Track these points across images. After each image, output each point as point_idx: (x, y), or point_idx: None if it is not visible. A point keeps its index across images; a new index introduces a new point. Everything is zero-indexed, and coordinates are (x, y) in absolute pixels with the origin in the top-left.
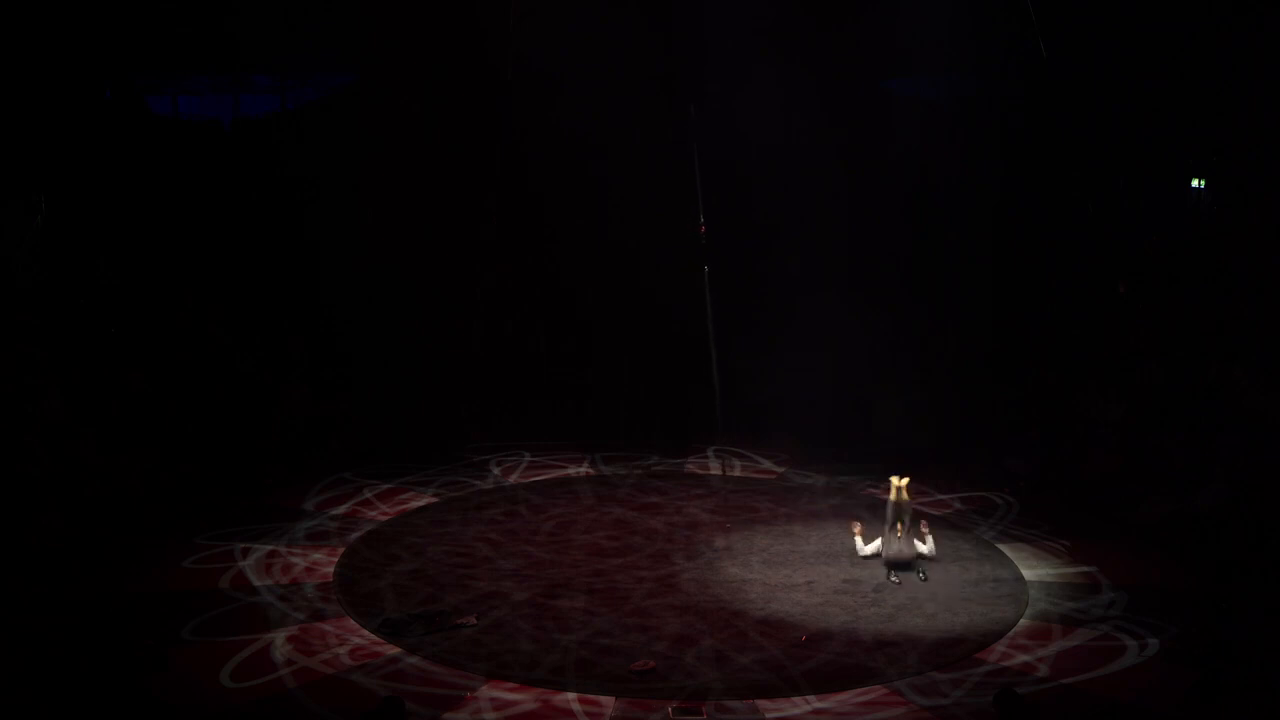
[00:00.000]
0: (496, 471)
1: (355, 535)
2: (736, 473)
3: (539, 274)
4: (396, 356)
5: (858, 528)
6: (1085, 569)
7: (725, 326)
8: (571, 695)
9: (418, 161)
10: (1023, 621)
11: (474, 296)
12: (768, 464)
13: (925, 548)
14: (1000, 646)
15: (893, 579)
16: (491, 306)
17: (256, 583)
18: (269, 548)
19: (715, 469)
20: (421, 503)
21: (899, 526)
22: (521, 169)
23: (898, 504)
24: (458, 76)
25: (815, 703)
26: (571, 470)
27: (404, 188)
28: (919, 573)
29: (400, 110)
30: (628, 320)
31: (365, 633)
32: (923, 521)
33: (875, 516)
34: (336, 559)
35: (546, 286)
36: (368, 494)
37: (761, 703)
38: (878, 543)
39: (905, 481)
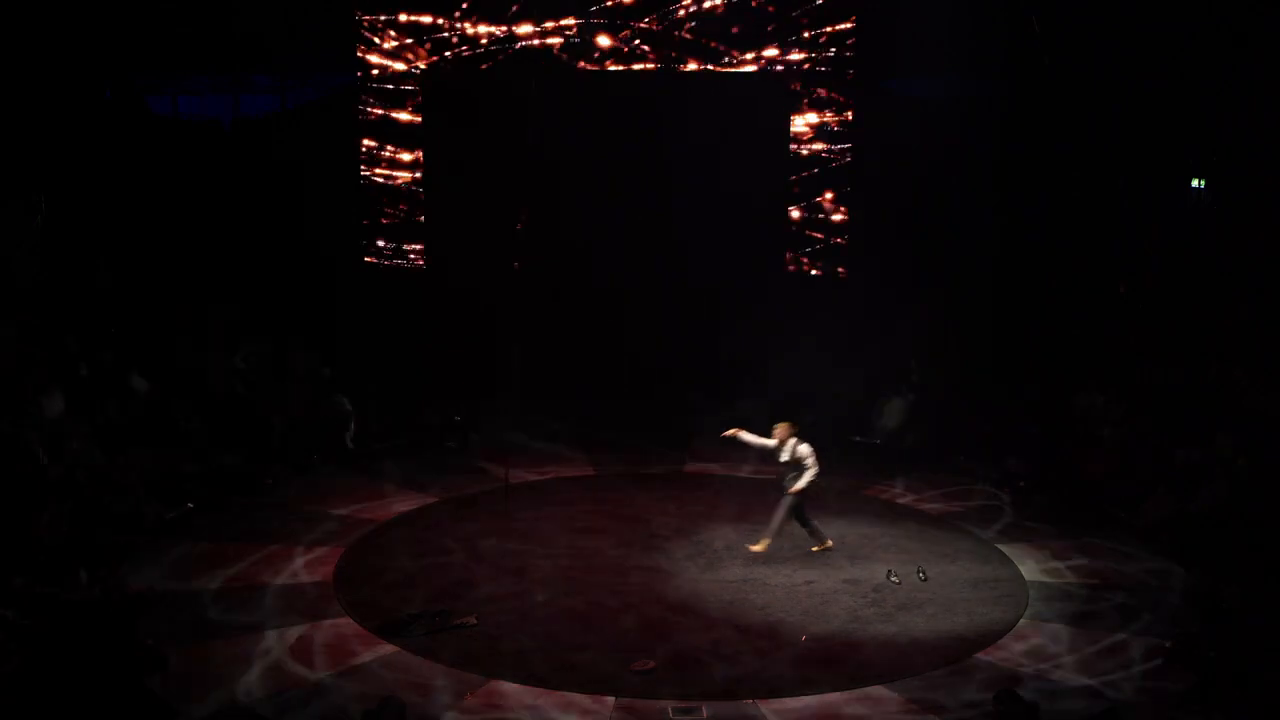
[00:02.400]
0: (498, 471)
1: (356, 535)
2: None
3: (538, 273)
4: (397, 356)
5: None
6: (1085, 569)
7: (724, 326)
8: (571, 695)
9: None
10: (1023, 621)
11: (474, 295)
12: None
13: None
14: (1000, 646)
15: (892, 579)
16: (491, 305)
17: (257, 583)
18: (269, 547)
19: (717, 470)
20: (422, 503)
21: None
22: (520, 171)
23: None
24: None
25: (815, 703)
26: (572, 470)
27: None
28: (919, 572)
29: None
30: (627, 320)
31: (365, 632)
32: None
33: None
34: (337, 559)
35: (546, 285)
36: (368, 494)
37: (761, 703)
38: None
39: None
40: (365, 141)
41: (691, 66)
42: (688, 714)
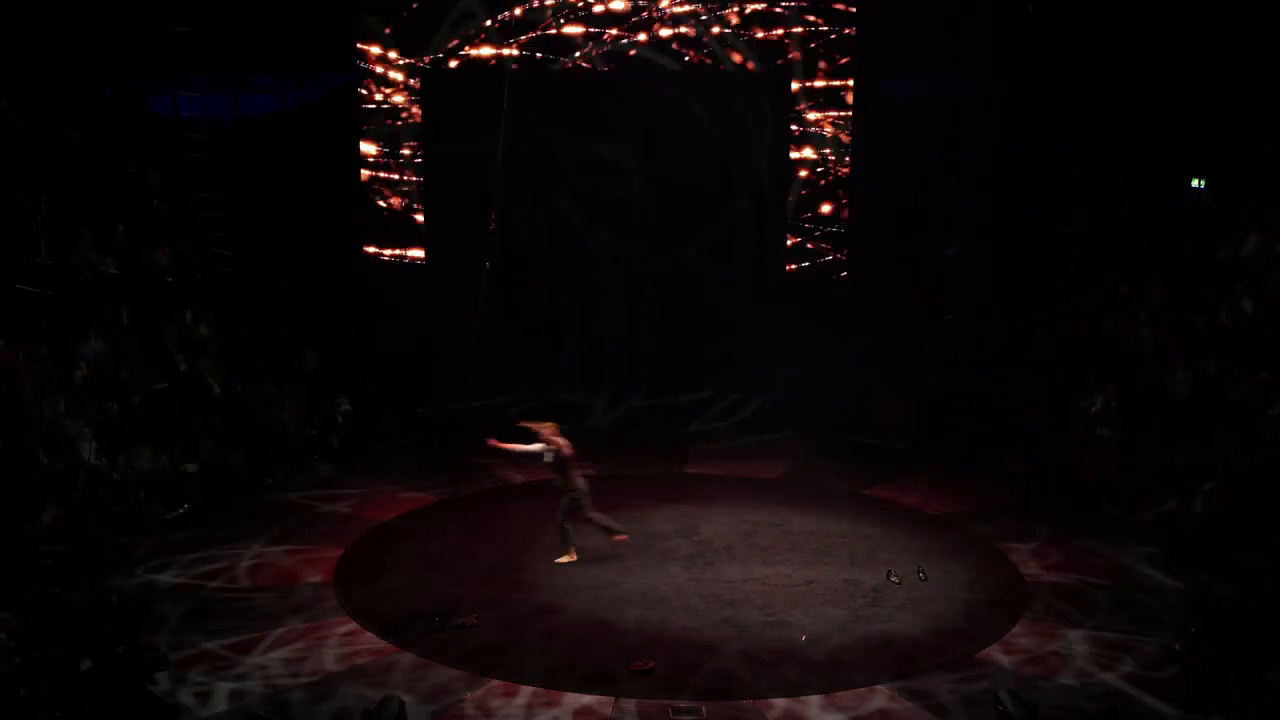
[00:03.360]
0: (497, 471)
1: (356, 535)
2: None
3: (536, 271)
4: (397, 355)
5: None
6: (1084, 569)
7: (725, 325)
8: (571, 695)
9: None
10: (1022, 621)
11: (474, 294)
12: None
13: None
14: (1000, 646)
15: (892, 579)
16: (492, 303)
17: (257, 583)
18: (269, 548)
19: (717, 471)
20: (422, 502)
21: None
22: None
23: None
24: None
25: (815, 702)
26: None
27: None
28: (919, 572)
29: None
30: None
31: (365, 632)
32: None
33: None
34: (337, 559)
35: (542, 282)
36: (368, 494)
37: (761, 703)
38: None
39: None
40: (364, 142)
41: (689, 65)
42: (688, 714)
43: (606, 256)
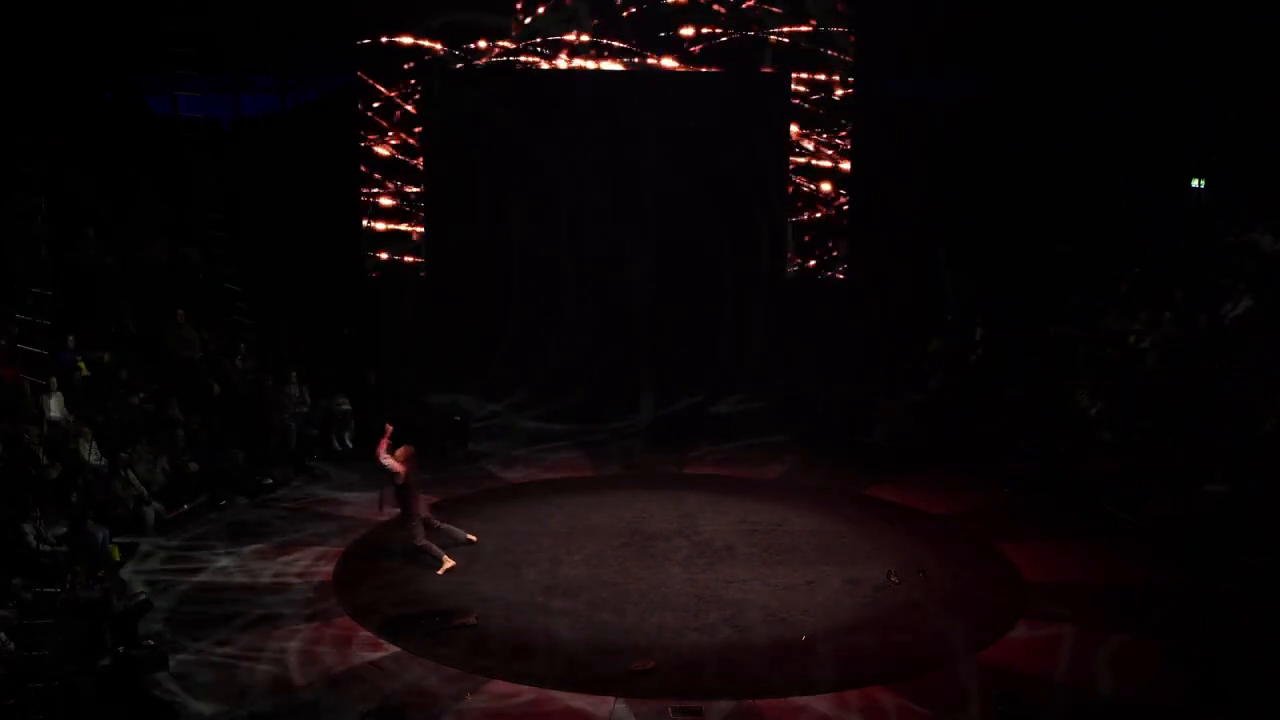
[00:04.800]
0: (497, 471)
1: (356, 535)
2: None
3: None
4: (397, 355)
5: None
6: (1084, 569)
7: (723, 325)
8: (571, 695)
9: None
10: (1023, 622)
11: (473, 293)
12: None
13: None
14: (1001, 647)
15: (893, 579)
16: (491, 302)
17: (256, 583)
18: (269, 548)
19: (716, 471)
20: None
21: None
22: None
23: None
24: None
25: (815, 703)
26: (572, 471)
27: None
28: (919, 572)
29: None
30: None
31: (365, 633)
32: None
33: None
34: (337, 559)
35: (541, 280)
36: (368, 494)
37: (761, 703)
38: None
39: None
40: (364, 143)
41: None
42: (688, 714)
43: (595, 253)
